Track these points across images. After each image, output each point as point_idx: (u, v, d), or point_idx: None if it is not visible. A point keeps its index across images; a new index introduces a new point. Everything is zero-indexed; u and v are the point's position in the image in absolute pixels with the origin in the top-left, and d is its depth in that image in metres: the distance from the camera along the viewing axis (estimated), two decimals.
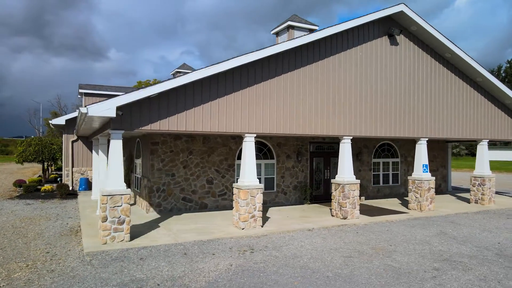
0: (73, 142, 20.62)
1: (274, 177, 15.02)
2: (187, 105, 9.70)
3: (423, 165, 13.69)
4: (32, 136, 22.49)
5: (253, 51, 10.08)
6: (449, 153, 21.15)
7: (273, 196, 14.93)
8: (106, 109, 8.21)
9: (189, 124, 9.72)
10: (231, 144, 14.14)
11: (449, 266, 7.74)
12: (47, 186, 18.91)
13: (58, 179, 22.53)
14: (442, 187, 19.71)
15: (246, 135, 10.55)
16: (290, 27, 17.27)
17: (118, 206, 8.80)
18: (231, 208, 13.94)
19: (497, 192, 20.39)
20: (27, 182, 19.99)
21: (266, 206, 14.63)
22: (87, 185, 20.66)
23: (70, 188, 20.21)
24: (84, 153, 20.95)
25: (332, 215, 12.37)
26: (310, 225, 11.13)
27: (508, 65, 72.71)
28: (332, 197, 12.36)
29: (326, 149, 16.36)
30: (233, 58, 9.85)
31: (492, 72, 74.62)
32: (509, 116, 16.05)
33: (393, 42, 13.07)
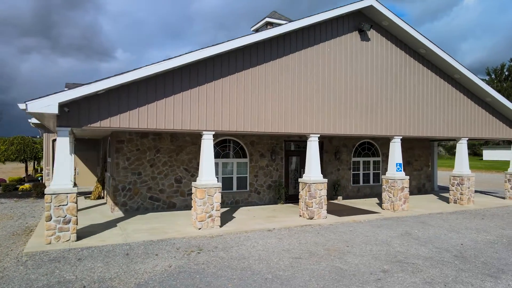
0: (53, 141, 20.49)
1: (247, 176, 14.73)
2: (140, 102, 9.45)
3: (396, 163, 13.33)
4: (15, 135, 22.32)
5: (209, 46, 9.81)
6: (435, 151, 20.74)
7: (246, 196, 14.64)
8: (47, 105, 7.98)
9: (142, 122, 9.47)
10: (201, 142, 13.84)
11: (399, 268, 7.41)
12: (26, 186, 18.79)
13: (39, 178, 22.43)
14: (427, 187, 19.29)
15: (204, 132, 10.28)
16: (268, 23, 17.03)
17: (63, 205, 8.57)
18: None
19: (485, 192, 19.93)
20: (7, 181, 19.89)
21: (238, 205, 14.36)
22: None
23: None
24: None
25: (300, 215, 12.05)
26: (272, 225, 10.83)
27: (511, 63, 71.77)
28: (299, 197, 12.06)
29: (303, 148, 16.03)
30: (187, 53, 9.58)
31: (495, 71, 73.92)
32: (490, 114, 15.62)
33: (364, 37, 12.73)
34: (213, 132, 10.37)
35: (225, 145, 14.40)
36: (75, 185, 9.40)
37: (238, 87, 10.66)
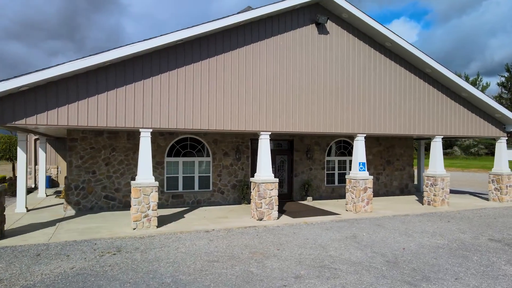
0: (35, 140, 20.67)
1: (210, 176, 14.37)
2: (70, 98, 9.22)
3: (359, 163, 12.69)
4: (1, 134, 22.66)
5: (145, 40, 9.48)
6: (422, 151, 19.87)
7: (209, 195, 14.27)
8: None
9: (72, 119, 9.24)
10: (159, 140, 13.60)
11: (316, 274, 6.90)
12: (5, 184, 18.96)
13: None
14: (410, 188, 18.45)
15: (141, 130, 9.97)
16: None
17: None
18: (159, 206, 13.41)
19: (474, 193, 18.95)
20: None
21: (199, 205, 14.02)
22: (50, 182, 20.72)
23: (33, 186, 20.33)
24: (48, 152, 20.93)
25: (252, 217, 11.60)
26: (215, 226, 10.43)
27: None
28: (251, 197, 11.61)
29: (271, 147, 15.53)
30: (121, 47, 9.27)
31: None
32: (469, 111, 14.73)
33: (322, 30, 12.16)
34: (151, 130, 10.05)
35: (186, 144, 14.08)
36: (55, 184, 9.26)
37: (179, 83, 10.31)
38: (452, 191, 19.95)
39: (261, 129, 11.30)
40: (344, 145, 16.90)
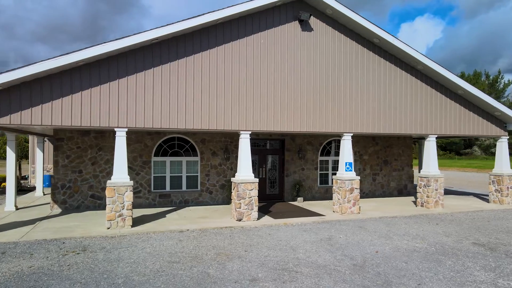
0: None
1: (198, 175, 14.30)
2: (44, 98, 9.29)
3: (345, 163, 12.35)
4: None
5: (117, 39, 9.47)
6: (423, 150, 19.23)
7: (197, 195, 14.21)
8: None
9: (46, 118, 9.31)
10: (146, 140, 13.62)
11: (274, 277, 6.70)
12: (3, 183, 19.47)
13: (27, 176, 23.23)
14: (409, 189, 17.88)
15: (116, 129, 9.97)
16: None
17: None
18: (146, 206, 13.48)
19: (478, 195, 18.21)
20: None
21: (187, 205, 13.98)
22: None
23: (36, 184, 20.75)
24: (50, 151, 21.36)
25: (232, 217, 11.45)
26: (192, 226, 10.33)
27: None
28: (232, 198, 11.46)
29: (262, 146, 15.37)
30: (92, 46, 9.30)
31: None
32: (467, 109, 14.14)
33: (306, 27, 11.89)
34: (126, 129, 10.04)
35: (174, 143, 14.05)
36: None
37: (155, 83, 10.26)
38: (455, 193, 19.27)
39: (241, 128, 11.14)
40: (339, 145, 16.53)
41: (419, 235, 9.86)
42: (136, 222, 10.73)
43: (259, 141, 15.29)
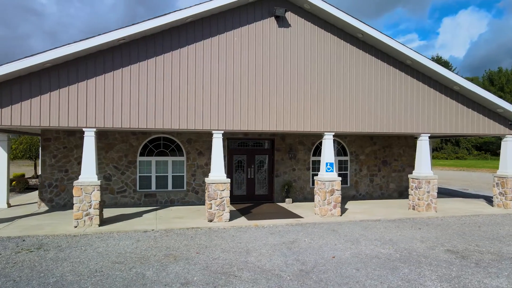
0: None
1: (184, 175, 14.28)
2: (14, 99, 9.56)
3: (326, 163, 11.88)
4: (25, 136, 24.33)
5: (81, 40, 9.58)
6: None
7: (182, 195, 14.18)
8: None
9: (16, 119, 9.58)
10: (131, 140, 13.76)
11: (209, 281, 6.49)
12: (14, 182, 20.40)
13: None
14: None
15: (84, 129, 10.10)
16: None
17: None
18: (132, 205, 13.63)
19: (488, 197, 17.02)
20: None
21: (172, 205, 13.99)
22: None
23: None
24: None
25: (205, 218, 11.30)
26: (161, 226, 10.29)
27: None
28: (206, 198, 11.31)
29: (250, 146, 15.13)
30: (55, 48, 9.45)
31: None
32: (465, 106, 13.21)
33: (283, 23, 11.54)
34: (94, 129, 10.14)
35: (160, 143, 14.11)
36: None
37: (124, 83, 10.30)
38: (467, 195, 18.12)
39: (213, 128, 10.98)
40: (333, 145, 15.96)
41: (392, 240, 9.28)
42: (109, 221, 10.84)
43: (247, 141, 15.07)
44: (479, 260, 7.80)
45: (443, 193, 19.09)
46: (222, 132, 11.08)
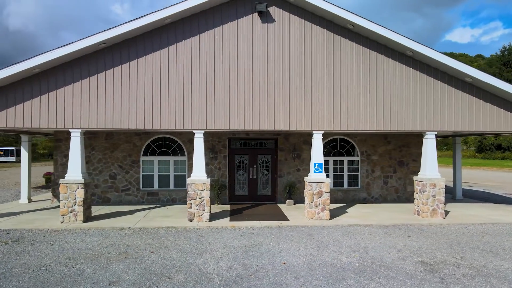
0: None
1: (185, 175, 14.49)
2: (9, 103, 10.43)
3: (315, 163, 11.27)
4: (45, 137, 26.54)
5: (62, 46, 10.14)
6: (458, 150, 16.54)
7: (184, 194, 14.39)
8: None
9: (10, 121, 10.45)
10: (135, 140, 14.29)
11: (138, 281, 6.52)
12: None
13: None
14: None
15: (71, 130, 10.69)
16: None
17: None
18: (135, 203, 14.18)
19: (486, 199, 14.97)
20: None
21: (173, 203, 14.27)
22: None
23: None
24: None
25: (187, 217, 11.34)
26: (139, 224, 10.54)
27: None
28: (187, 198, 11.35)
29: (253, 146, 14.89)
30: (40, 54, 10.10)
31: None
32: (479, 99, 11.71)
33: (267, 19, 11.16)
34: (80, 130, 10.69)
35: (162, 143, 14.47)
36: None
37: (107, 85, 10.71)
38: (498, 201, 16.08)
39: (193, 127, 10.98)
40: (341, 144, 15.14)
41: (366, 248, 8.52)
42: (97, 217, 11.36)
43: (250, 140, 14.85)
44: (447, 275, 6.85)
45: (478, 198, 17.16)
46: (203, 132, 11.04)
